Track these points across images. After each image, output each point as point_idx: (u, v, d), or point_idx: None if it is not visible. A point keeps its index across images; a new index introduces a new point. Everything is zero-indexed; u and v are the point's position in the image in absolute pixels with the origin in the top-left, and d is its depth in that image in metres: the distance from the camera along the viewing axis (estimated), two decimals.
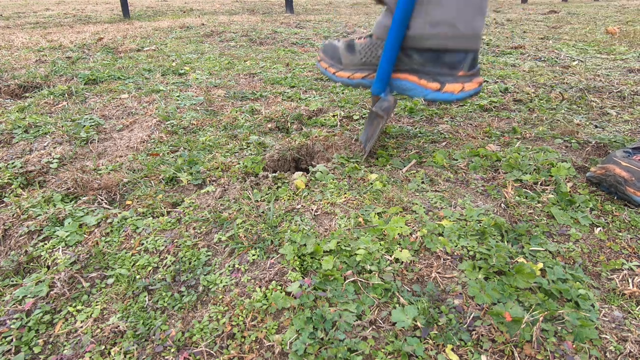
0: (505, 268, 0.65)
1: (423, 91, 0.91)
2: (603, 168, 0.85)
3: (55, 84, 1.72)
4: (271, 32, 3.06)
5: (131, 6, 5.31)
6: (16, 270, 0.72)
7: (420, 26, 0.85)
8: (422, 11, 0.84)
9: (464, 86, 0.88)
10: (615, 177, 0.82)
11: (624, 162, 0.83)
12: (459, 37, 0.85)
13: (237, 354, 0.54)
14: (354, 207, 0.83)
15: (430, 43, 0.86)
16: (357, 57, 0.99)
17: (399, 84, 0.95)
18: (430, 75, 0.90)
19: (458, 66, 0.88)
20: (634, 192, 0.80)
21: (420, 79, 0.91)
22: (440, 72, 0.89)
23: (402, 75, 0.94)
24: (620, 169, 0.82)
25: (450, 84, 0.88)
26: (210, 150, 1.11)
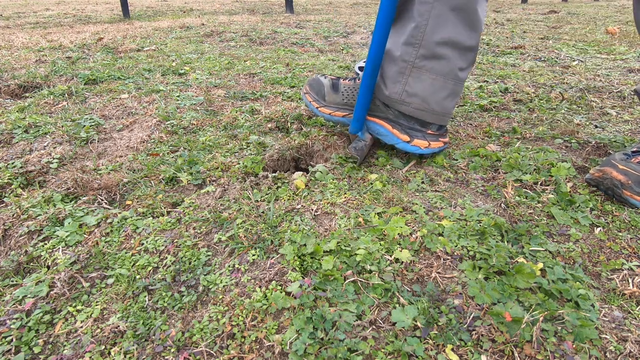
0: (505, 268, 0.65)
1: (394, 139, 0.99)
2: (600, 171, 0.86)
3: (55, 84, 1.72)
4: (271, 32, 3.06)
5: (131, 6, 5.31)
6: (16, 270, 0.72)
7: (398, 92, 0.95)
8: (403, 81, 0.94)
9: (430, 143, 0.97)
10: (611, 180, 0.83)
11: (621, 165, 0.84)
12: (429, 111, 0.95)
13: (237, 354, 0.54)
14: (354, 207, 0.83)
15: (403, 108, 0.96)
16: (340, 97, 1.08)
17: (375, 128, 1.03)
18: (402, 127, 0.99)
19: (427, 126, 0.98)
20: (630, 195, 0.81)
21: (394, 129, 0.99)
22: (412, 127, 0.98)
23: (379, 120, 1.02)
24: (617, 172, 0.83)
25: (418, 140, 0.97)
26: (210, 150, 1.11)
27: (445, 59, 0.89)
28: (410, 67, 0.91)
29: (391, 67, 0.95)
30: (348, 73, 1.92)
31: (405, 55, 0.91)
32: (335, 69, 1.97)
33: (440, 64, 0.90)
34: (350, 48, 2.53)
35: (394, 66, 0.94)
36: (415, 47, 0.89)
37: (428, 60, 0.90)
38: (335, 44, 2.69)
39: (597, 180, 0.86)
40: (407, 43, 0.90)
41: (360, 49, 2.52)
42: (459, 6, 0.85)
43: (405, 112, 0.96)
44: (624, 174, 0.82)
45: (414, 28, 0.88)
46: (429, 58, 0.90)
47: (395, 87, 0.95)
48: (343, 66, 2.03)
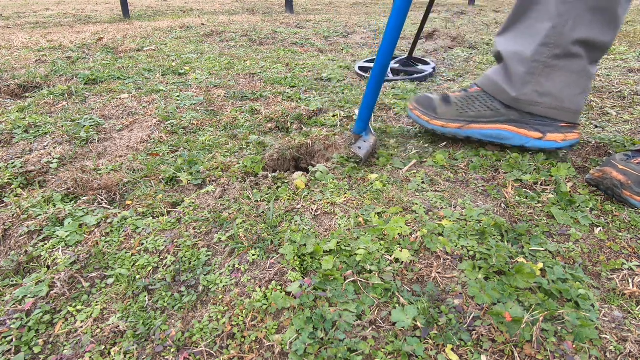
0: (505, 268, 0.65)
1: (523, 139, 0.97)
2: (600, 171, 0.86)
3: (55, 84, 1.72)
4: (271, 32, 3.06)
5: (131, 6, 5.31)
6: (16, 270, 0.72)
7: (528, 92, 0.94)
8: (534, 81, 0.93)
9: (566, 136, 0.94)
10: (611, 180, 0.83)
11: (621, 165, 0.84)
12: (562, 109, 0.94)
13: (237, 354, 0.54)
14: (354, 207, 0.83)
15: (533, 109, 0.95)
16: (453, 108, 1.05)
17: (494, 134, 1.01)
18: (530, 125, 0.97)
19: (558, 121, 0.96)
20: (630, 195, 0.81)
21: (520, 129, 0.97)
22: (541, 122, 0.96)
23: (497, 125, 1.00)
24: (617, 172, 0.83)
25: (552, 134, 0.94)
26: (210, 150, 1.11)
27: (579, 57, 0.89)
28: (542, 66, 0.91)
29: (519, 68, 0.94)
30: (348, 73, 1.92)
31: (537, 56, 0.91)
32: (335, 69, 1.97)
33: (574, 62, 0.90)
34: (350, 48, 2.53)
35: (522, 67, 0.93)
36: (550, 47, 0.89)
37: (561, 60, 0.90)
38: (335, 44, 2.69)
39: (597, 180, 0.86)
40: (543, 44, 0.89)
41: (360, 49, 2.52)
42: (600, 6, 0.84)
43: (534, 113, 0.95)
44: (624, 174, 0.82)
45: (551, 29, 0.88)
46: (562, 57, 0.89)
47: (525, 88, 0.94)
48: (343, 66, 2.03)
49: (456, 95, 1.07)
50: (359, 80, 1.80)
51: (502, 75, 0.99)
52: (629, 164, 0.84)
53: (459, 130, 1.05)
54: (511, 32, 0.98)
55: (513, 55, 0.95)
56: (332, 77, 1.81)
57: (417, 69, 1.87)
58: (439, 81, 1.76)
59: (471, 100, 1.04)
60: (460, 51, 2.35)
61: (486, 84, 1.03)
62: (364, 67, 1.95)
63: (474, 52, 2.34)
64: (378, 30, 3.16)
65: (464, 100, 1.05)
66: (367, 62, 2.01)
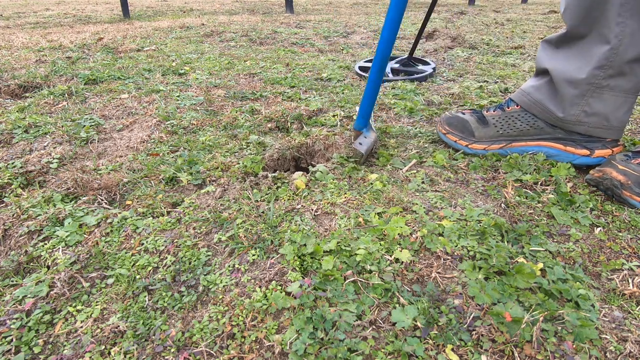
0: (505, 268, 0.65)
1: (569, 156, 0.96)
2: (600, 171, 0.85)
3: (55, 84, 1.72)
4: (271, 32, 3.06)
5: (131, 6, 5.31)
6: (16, 270, 0.72)
7: (575, 114, 0.93)
8: (583, 102, 0.91)
9: (613, 151, 0.93)
10: (611, 180, 0.83)
11: (621, 165, 0.84)
12: (608, 128, 0.92)
13: (237, 354, 0.54)
14: (354, 207, 0.83)
15: (580, 129, 0.94)
16: (493, 130, 1.04)
17: (540, 150, 1.00)
18: (577, 142, 0.96)
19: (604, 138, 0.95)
20: (630, 196, 0.81)
21: (566, 146, 0.96)
22: (589, 140, 0.95)
23: (544, 143, 0.99)
24: (617, 172, 0.83)
25: (600, 150, 0.94)
26: (210, 150, 1.11)
27: (631, 75, 0.87)
28: (594, 88, 0.89)
29: (569, 90, 0.92)
30: (348, 73, 1.92)
31: (592, 79, 0.89)
32: (335, 69, 1.97)
33: (626, 80, 0.88)
34: (350, 48, 2.53)
35: (573, 89, 0.91)
36: (605, 69, 0.87)
37: (613, 79, 0.88)
38: (335, 44, 2.69)
39: (597, 181, 0.86)
40: (599, 66, 0.87)
41: (360, 48, 2.52)
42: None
43: (579, 132, 0.94)
44: (624, 174, 0.82)
45: (609, 50, 0.85)
46: (614, 77, 0.87)
47: (573, 109, 0.93)
48: (343, 66, 2.03)
49: (492, 114, 1.05)
50: (359, 80, 1.80)
51: (547, 94, 0.97)
52: (628, 164, 0.84)
53: (501, 150, 1.03)
54: (563, 51, 0.95)
55: (564, 76, 0.93)
56: (332, 77, 1.81)
57: (418, 69, 1.87)
58: (439, 81, 1.76)
59: (511, 120, 1.02)
60: (460, 51, 2.35)
61: (527, 103, 1.01)
62: (363, 67, 1.95)
63: (474, 52, 2.34)
64: (378, 30, 3.15)
65: (503, 121, 1.03)
66: (367, 62, 2.01)
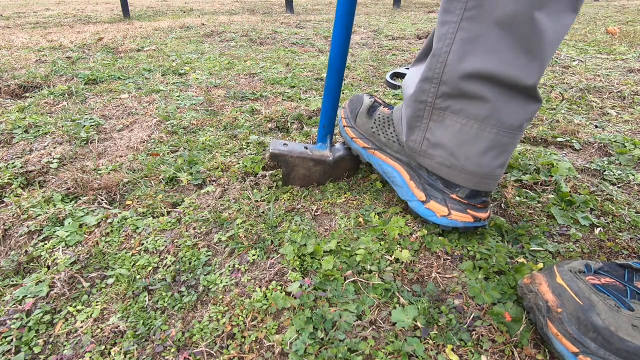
0: (505, 268, 0.65)
1: (409, 194, 0.77)
2: (531, 277, 0.55)
3: (55, 84, 1.72)
4: (271, 32, 3.06)
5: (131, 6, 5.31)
6: (16, 270, 0.72)
7: (417, 140, 0.73)
8: (423, 126, 0.71)
9: (450, 212, 0.70)
10: (536, 297, 0.52)
11: (562, 278, 0.52)
12: (458, 169, 0.68)
13: (237, 354, 0.54)
14: (354, 207, 0.83)
15: (426, 162, 0.73)
16: (370, 124, 0.86)
17: (389, 172, 0.81)
18: (421, 180, 0.75)
19: (453, 188, 0.71)
20: (555, 334, 0.49)
21: (411, 179, 0.77)
22: (432, 183, 0.73)
23: (395, 164, 0.80)
24: (548, 288, 0.52)
25: (435, 203, 0.72)
26: (210, 150, 1.11)
27: (479, 98, 0.62)
28: (430, 109, 0.68)
29: (405, 109, 0.75)
30: (348, 73, 1.92)
31: (420, 94, 0.69)
32: None
33: (474, 105, 0.63)
34: (350, 48, 2.53)
35: (407, 108, 0.74)
36: (434, 83, 0.66)
37: (453, 100, 0.65)
38: None
39: (522, 291, 0.56)
40: (425, 78, 0.67)
41: (360, 48, 2.52)
42: (503, 20, 0.56)
43: (428, 168, 0.73)
44: (558, 295, 0.50)
45: (432, 57, 0.65)
46: (454, 97, 0.65)
47: (413, 134, 0.73)
48: None
49: (382, 111, 0.86)
50: (358, 80, 1.80)
51: (402, 111, 0.78)
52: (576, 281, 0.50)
53: (364, 151, 0.86)
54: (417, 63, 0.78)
55: (404, 92, 0.77)
56: None
57: None
58: None
59: (388, 124, 0.82)
60: None
61: (396, 115, 0.81)
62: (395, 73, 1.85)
63: None
64: (378, 30, 3.16)
65: (381, 121, 0.84)
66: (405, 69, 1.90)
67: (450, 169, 0.69)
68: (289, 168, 0.85)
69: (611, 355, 0.44)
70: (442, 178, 0.72)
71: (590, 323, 0.46)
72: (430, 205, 0.72)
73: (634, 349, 0.43)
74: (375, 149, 0.84)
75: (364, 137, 0.87)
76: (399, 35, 2.94)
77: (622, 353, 0.44)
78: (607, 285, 0.50)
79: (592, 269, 0.53)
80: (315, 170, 0.87)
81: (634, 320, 0.45)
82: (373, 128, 0.85)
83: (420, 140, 0.72)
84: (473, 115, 0.64)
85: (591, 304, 0.47)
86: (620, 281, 0.50)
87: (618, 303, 0.47)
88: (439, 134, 0.69)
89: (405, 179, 0.78)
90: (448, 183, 0.71)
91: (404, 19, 3.86)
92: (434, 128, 0.69)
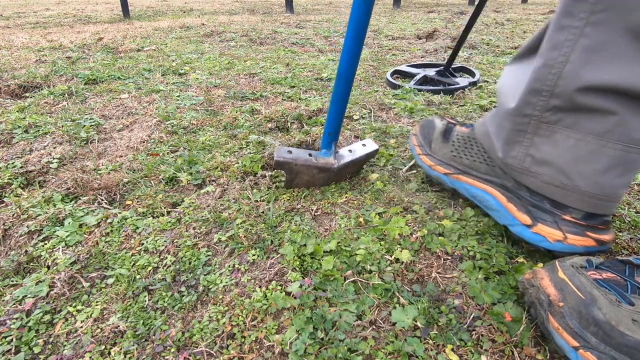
0: (505, 268, 0.65)
1: (508, 217, 0.69)
2: (533, 273, 0.56)
3: (55, 84, 1.72)
4: (271, 32, 3.06)
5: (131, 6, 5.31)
6: (16, 270, 0.72)
7: (518, 157, 0.65)
8: (525, 142, 0.64)
9: (566, 237, 0.62)
10: (538, 291, 0.52)
11: (564, 272, 0.52)
12: (571, 190, 0.60)
13: (237, 354, 0.54)
14: (354, 207, 0.83)
15: (528, 181, 0.65)
16: (449, 148, 0.80)
17: (480, 195, 0.74)
18: (522, 202, 0.67)
19: (564, 208, 0.62)
20: (556, 328, 0.49)
21: (509, 202, 0.69)
22: (537, 203, 0.65)
23: (487, 187, 0.73)
24: (550, 283, 0.52)
25: (545, 226, 0.63)
26: (210, 150, 1.11)
27: (600, 111, 0.55)
28: (537, 122, 0.61)
29: (504, 121, 0.66)
30: None
31: (525, 108, 0.61)
32: (335, 69, 1.97)
33: (593, 119, 0.56)
34: None
35: (507, 121, 0.65)
36: (544, 96, 0.59)
37: (567, 114, 0.58)
38: (336, 44, 2.69)
39: (523, 286, 0.56)
40: (532, 90, 0.60)
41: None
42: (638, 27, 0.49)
43: (531, 187, 0.66)
44: (560, 289, 0.50)
45: (542, 67, 0.58)
46: (567, 110, 0.58)
47: (513, 150, 0.65)
48: None
49: (459, 131, 0.81)
50: (358, 80, 1.80)
51: (495, 123, 0.70)
52: (578, 276, 0.51)
53: (446, 177, 0.82)
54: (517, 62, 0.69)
55: (501, 100, 0.69)
56: (333, 77, 1.81)
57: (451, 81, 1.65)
58: None
59: (469, 145, 0.78)
60: (460, 51, 2.35)
61: (480, 131, 0.76)
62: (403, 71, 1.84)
63: (474, 52, 2.34)
64: (378, 30, 3.16)
65: (462, 142, 0.79)
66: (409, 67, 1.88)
67: (559, 189, 0.61)
68: (292, 175, 0.84)
69: (611, 350, 0.44)
70: (548, 198, 0.64)
71: (592, 317, 0.46)
72: (538, 229, 0.64)
73: (634, 344, 0.43)
74: (458, 173, 0.79)
75: (443, 162, 0.82)
76: (399, 35, 2.94)
77: (622, 347, 0.44)
78: (608, 280, 0.49)
79: (593, 264, 0.53)
80: (319, 177, 0.86)
81: (635, 315, 0.45)
82: (453, 152, 0.80)
83: (521, 157, 0.65)
84: (590, 129, 0.57)
85: (593, 298, 0.47)
86: (622, 276, 0.50)
87: (619, 298, 0.47)
88: (546, 150, 0.62)
89: (501, 201, 0.70)
90: (557, 203, 0.63)
91: (404, 19, 3.86)
92: (540, 143, 0.62)
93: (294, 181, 0.85)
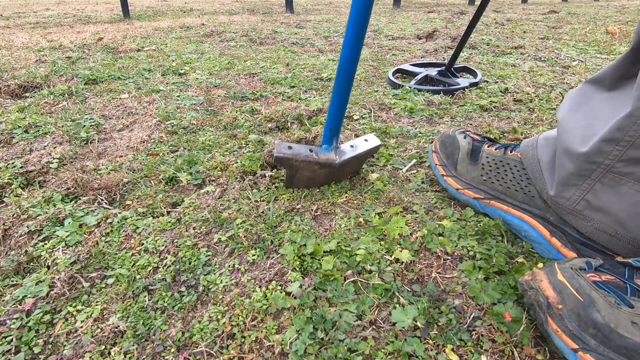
0: (505, 268, 0.65)
1: (552, 251, 0.66)
2: (533, 274, 0.55)
3: (55, 84, 1.72)
4: (271, 32, 3.06)
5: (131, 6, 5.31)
6: (16, 270, 0.72)
7: (571, 198, 0.62)
8: (585, 186, 0.60)
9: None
10: (537, 293, 0.52)
11: (563, 274, 0.51)
12: (626, 241, 0.58)
13: (237, 354, 0.54)
14: (354, 207, 0.83)
15: (578, 224, 0.63)
16: (479, 171, 0.76)
17: (519, 225, 0.71)
18: (568, 238, 0.65)
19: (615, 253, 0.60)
20: (555, 330, 0.49)
21: (552, 236, 0.66)
22: (584, 242, 0.63)
23: (529, 218, 0.70)
24: (549, 285, 0.51)
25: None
26: (210, 150, 1.11)
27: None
28: (603, 170, 0.58)
29: (566, 162, 0.62)
30: None
31: (597, 156, 0.58)
32: (335, 69, 1.97)
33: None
34: None
35: (570, 163, 0.62)
36: (621, 146, 0.55)
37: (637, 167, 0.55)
38: (336, 44, 2.69)
39: (523, 288, 0.56)
40: (609, 139, 0.56)
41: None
42: None
43: (580, 230, 0.63)
44: (559, 291, 0.50)
45: (627, 117, 0.54)
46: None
47: (567, 191, 0.62)
48: None
49: (489, 152, 0.77)
50: (358, 80, 1.80)
51: (549, 155, 0.67)
52: (577, 277, 0.50)
53: (476, 202, 0.78)
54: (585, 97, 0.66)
55: (564, 137, 0.63)
56: (332, 77, 1.81)
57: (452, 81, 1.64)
58: None
59: (503, 169, 0.74)
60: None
61: (529, 156, 0.70)
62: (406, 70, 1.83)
63: (474, 52, 2.34)
64: (378, 30, 3.16)
65: (494, 165, 0.75)
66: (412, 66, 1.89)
67: (612, 238, 0.59)
68: (292, 171, 0.81)
69: (610, 352, 0.44)
70: (598, 244, 0.62)
71: (591, 319, 0.46)
72: None
73: (633, 346, 0.43)
74: (490, 198, 0.75)
75: (473, 186, 0.78)
76: (399, 35, 2.94)
77: (621, 350, 0.43)
78: (607, 282, 0.49)
79: (592, 266, 0.53)
80: (320, 173, 0.83)
81: (634, 317, 0.45)
82: (483, 176, 0.76)
83: (575, 200, 0.62)
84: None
85: (591, 300, 0.47)
86: (621, 278, 0.49)
87: (618, 300, 0.46)
88: (606, 200, 0.59)
89: (544, 235, 0.67)
90: (606, 248, 0.61)
91: (404, 19, 3.86)
92: (601, 191, 0.59)
93: (294, 178, 0.83)
